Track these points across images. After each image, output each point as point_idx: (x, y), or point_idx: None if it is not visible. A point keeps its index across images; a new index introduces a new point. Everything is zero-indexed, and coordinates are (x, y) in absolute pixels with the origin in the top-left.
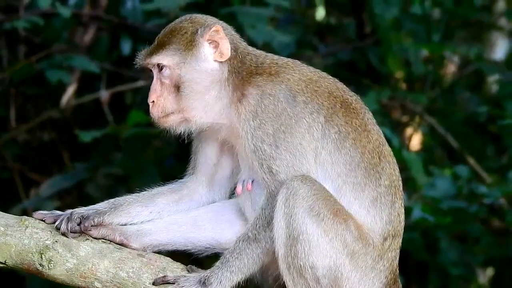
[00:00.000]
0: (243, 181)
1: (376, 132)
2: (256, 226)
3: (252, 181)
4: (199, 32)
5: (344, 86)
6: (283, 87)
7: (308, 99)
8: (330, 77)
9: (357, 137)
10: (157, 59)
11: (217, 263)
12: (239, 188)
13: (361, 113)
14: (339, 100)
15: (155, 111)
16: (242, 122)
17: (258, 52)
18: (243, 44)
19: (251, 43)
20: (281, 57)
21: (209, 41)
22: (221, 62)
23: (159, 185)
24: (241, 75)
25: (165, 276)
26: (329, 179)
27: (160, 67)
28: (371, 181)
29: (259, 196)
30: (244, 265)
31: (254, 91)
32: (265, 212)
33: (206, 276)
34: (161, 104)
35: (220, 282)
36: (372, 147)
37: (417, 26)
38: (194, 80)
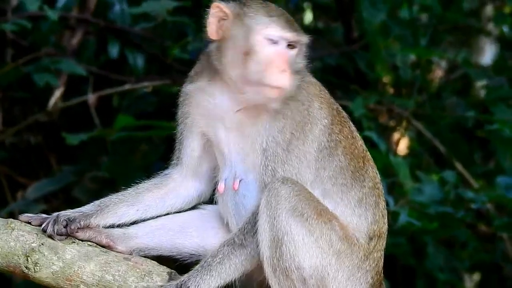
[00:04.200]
0: (225, 180)
1: (360, 139)
2: (244, 231)
3: (240, 181)
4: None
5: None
6: (304, 93)
7: (322, 105)
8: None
9: (347, 144)
10: (304, 38)
11: (197, 267)
12: (221, 186)
13: (347, 122)
14: (335, 108)
15: (288, 83)
16: (268, 119)
17: None
18: None
19: None
20: None
21: None
22: None
23: (144, 180)
24: None
25: None
26: (320, 182)
27: (293, 46)
28: (357, 182)
29: (246, 198)
30: (225, 270)
31: None
32: (255, 218)
33: (184, 281)
34: (291, 78)
35: (198, 285)
36: (358, 152)
37: (404, 31)
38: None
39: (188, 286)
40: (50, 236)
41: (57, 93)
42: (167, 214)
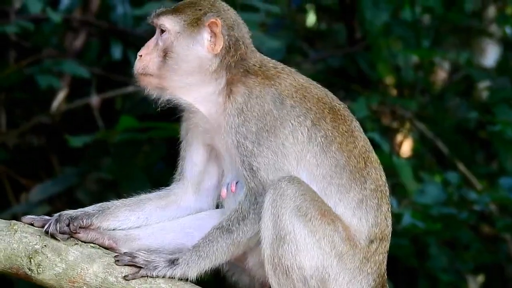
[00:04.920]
0: (227, 184)
1: (363, 139)
2: (231, 218)
3: (237, 183)
4: (207, 15)
5: (333, 95)
6: (272, 90)
7: (296, 103)
8: (321, 86)
9: (343, 142)
10: (162, 20)
11: (189, 247)
12: (223, 192)
13: (348, 120)
14: (328, 106)
15: (138, 66)
16: (227, 116)
17: (265, 57)
18: (250, 47)
19: None
20: (283, 64)
21: (209, 30)
22: (214, 54)
23: (147, 191)
24: (236, 72)
25: (134, 257)
26: (314, 181)
27: (162, 30)
28: (356, 184)
29: None
30: (213, 252)
31: (243, 90)
32: (241, 207)
33: (176, 257)
34: (146, 61)
35: (187, 264)
36: (358, 152)
37: (407, 32)
38: (182, 56)
39: (178, 263)
40: (53, 235)
41: (60, 95)
42: None
